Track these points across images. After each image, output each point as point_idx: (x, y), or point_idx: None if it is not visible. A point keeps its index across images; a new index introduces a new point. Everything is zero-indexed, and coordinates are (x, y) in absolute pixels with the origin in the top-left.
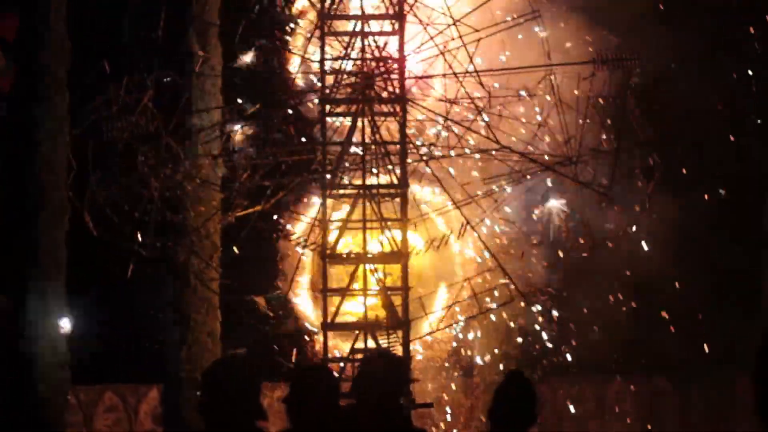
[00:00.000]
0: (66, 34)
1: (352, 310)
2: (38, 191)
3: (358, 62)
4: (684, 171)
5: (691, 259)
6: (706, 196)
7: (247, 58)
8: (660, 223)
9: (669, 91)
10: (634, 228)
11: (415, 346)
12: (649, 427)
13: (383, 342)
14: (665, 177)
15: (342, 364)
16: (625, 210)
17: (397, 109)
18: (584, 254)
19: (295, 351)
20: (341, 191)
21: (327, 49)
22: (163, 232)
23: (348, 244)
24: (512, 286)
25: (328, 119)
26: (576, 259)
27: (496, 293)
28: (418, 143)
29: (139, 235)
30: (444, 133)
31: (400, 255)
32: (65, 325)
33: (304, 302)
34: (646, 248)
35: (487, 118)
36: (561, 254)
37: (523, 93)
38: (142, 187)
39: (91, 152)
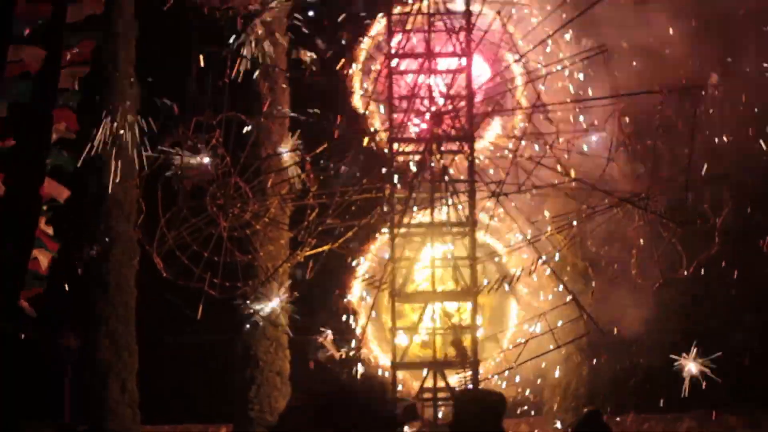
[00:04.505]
0: (134, 74)
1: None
2: (108, 232)
3: (426, 100)
4: None
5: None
6: None
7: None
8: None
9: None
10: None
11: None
12: None
13: (454, 380)
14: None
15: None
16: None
17: (465, 146)
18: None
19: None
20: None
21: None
22: (232, 272)
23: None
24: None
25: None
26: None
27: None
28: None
29: (208, 276)
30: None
31: (469, 293)
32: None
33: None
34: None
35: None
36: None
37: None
38: (211, 228)
39: (160, 193)
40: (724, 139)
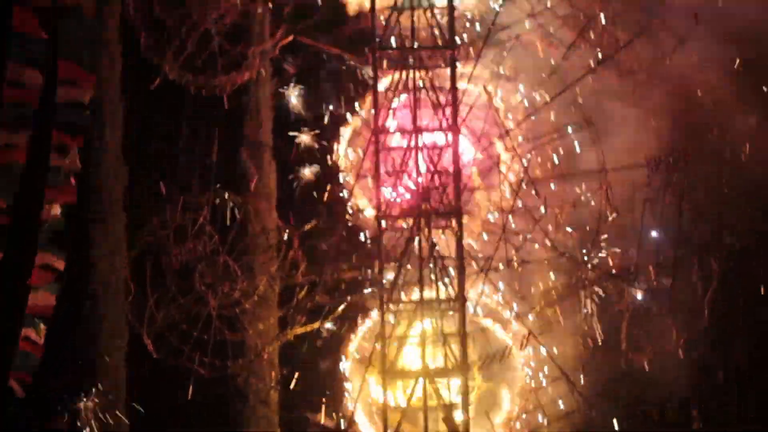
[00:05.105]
0: (122, 155)
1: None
2: (96, 312)
3: (414, 176)
4: None
5: None
6: None
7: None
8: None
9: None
10: None
11: None
12: None
13: None
14: None
15: None
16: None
17: (453, 222)
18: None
19: None
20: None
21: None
22: (221, 350)
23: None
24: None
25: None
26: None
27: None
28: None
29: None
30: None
31: (460, 369)
32: None
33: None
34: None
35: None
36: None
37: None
38: (200, 307)
39: (149, 273)
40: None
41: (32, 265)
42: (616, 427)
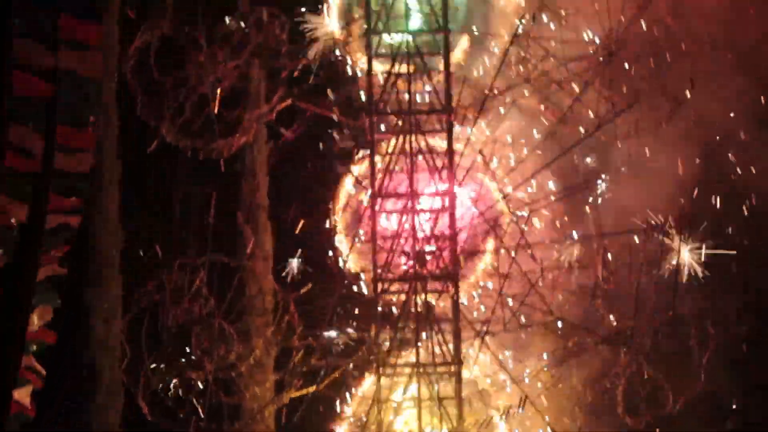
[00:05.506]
0: (118, 217)
1: None
2: (92, 374)
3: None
4: None
5: None
6: None
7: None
8: None
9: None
10: None
11: None
12: None
13: None
14: None
15: None
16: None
17: (450, 286)
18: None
19: None
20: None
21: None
22: (217, 414)
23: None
24: None
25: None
26: None
27: None
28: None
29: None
30: None
31: None
32: None
33: None
34: None
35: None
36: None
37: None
38: (196, 370)
39: (145, 336)
40: None
41: (26, 325)
42: None
